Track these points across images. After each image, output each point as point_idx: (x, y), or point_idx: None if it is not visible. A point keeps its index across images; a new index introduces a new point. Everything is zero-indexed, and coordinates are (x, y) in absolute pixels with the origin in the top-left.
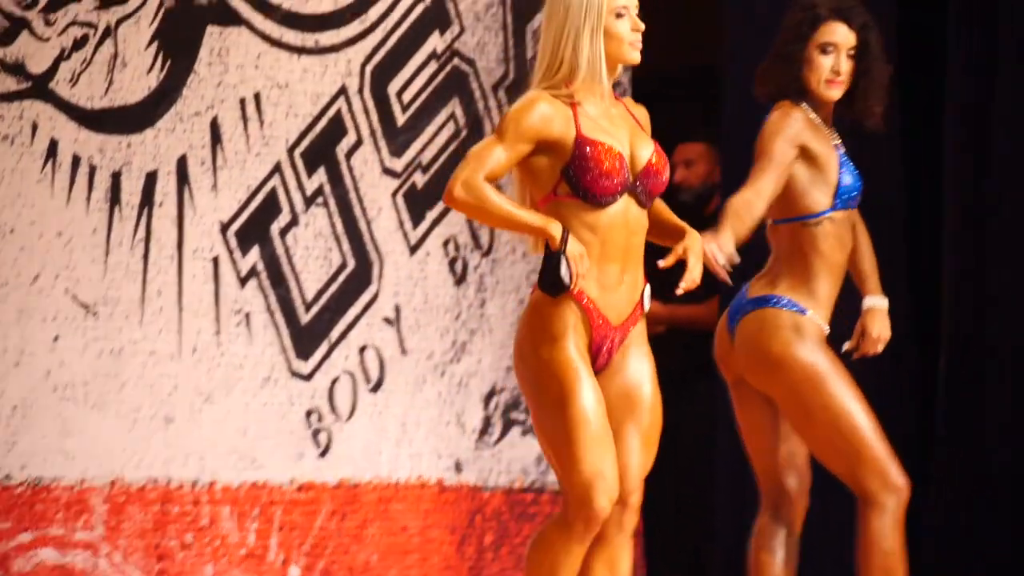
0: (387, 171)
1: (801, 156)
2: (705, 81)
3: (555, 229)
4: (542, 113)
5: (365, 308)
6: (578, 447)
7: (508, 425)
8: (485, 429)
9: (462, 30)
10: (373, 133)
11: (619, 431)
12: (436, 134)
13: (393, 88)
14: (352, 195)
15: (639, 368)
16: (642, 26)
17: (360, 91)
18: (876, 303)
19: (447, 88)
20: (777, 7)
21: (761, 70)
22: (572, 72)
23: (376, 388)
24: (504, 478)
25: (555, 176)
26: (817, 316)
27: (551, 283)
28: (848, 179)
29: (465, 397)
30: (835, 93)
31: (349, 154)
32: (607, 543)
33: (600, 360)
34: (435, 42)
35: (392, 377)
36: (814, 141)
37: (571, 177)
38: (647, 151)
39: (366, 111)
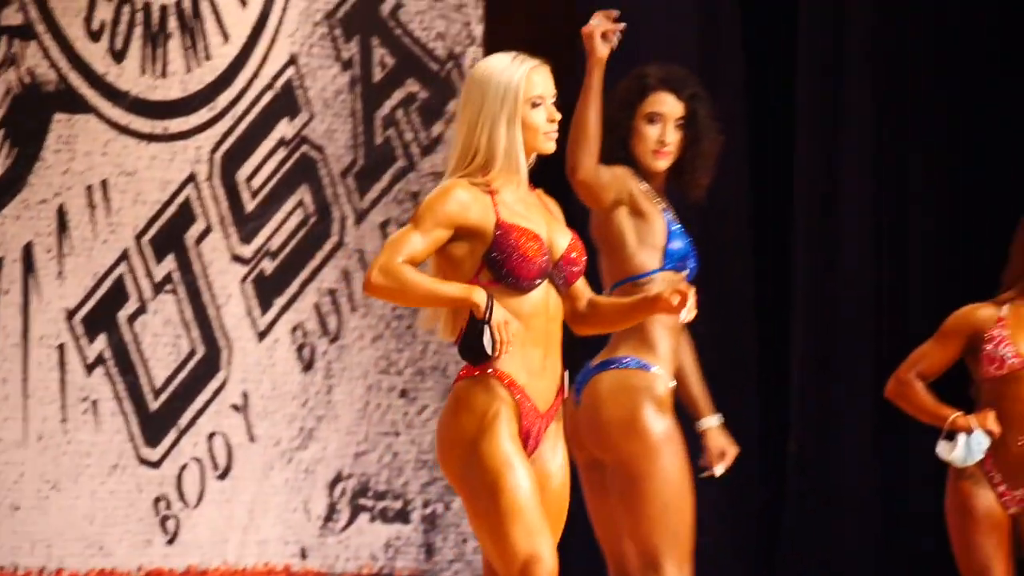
0: (236, 258)
1: (628, 206)
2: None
3: (479, 296)
4: (459, 199)
5: (214, 395)
6: (515, 535)
7: (356, 511)
8: (331, 515)
9: (311, 117)
10: (222, 220)
11: None
12: (285, 220)
13: (242, 175)
14: (201, 282)
15: (561, 473)
16: (558, 116)
17: (209, 178)
18: (712, 423)
19: (296, 175)
20: None
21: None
22: (488, 160)
23: (224, 475)
24: (352, 564)
25: (476, 263)
26: (662, 371)
27: (474, 351)
28: (678, 244)
29: (312, 484)
30: (662, 164)
31: (198, 241)
32: None
33: (529, 447)
34: (284, 129)
35: (240, 464)
36: (641, 197)
37: (494, 262)
38: (565, 239)
39: (215, 198)
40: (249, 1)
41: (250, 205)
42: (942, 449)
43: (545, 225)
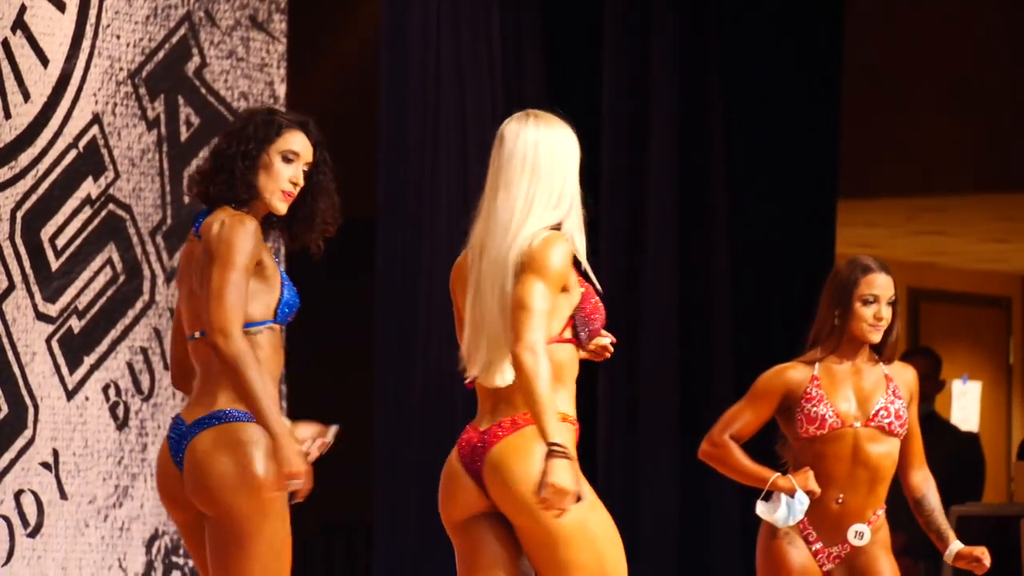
0: (41, 316)
1: (256, 266)
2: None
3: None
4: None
5: (20, 453)
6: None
7: (169, 569)
8: (148, 573)
9: (117, 175)
10: (26, 278)
11: None
12: (92, 279)
13: (46, 234)
14: (4, 340)
15: None
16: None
17: (11, 237)
18: None
19: (103, 233)
20: (428, 167)
21: (202, 172)
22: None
23: (34, 533)
24: None
25: (563, 319)
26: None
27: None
28: (288, 293)
29: (127, 541)
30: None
31: (1, 299)
32: None
33: None
34: (89, 187)
35: (52, 521)
36: (266, 252)
37: (580, 321)
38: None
39: (18, 256)
40: (51, 59)
41: (55, 264)
42: (762, 509)
43: None
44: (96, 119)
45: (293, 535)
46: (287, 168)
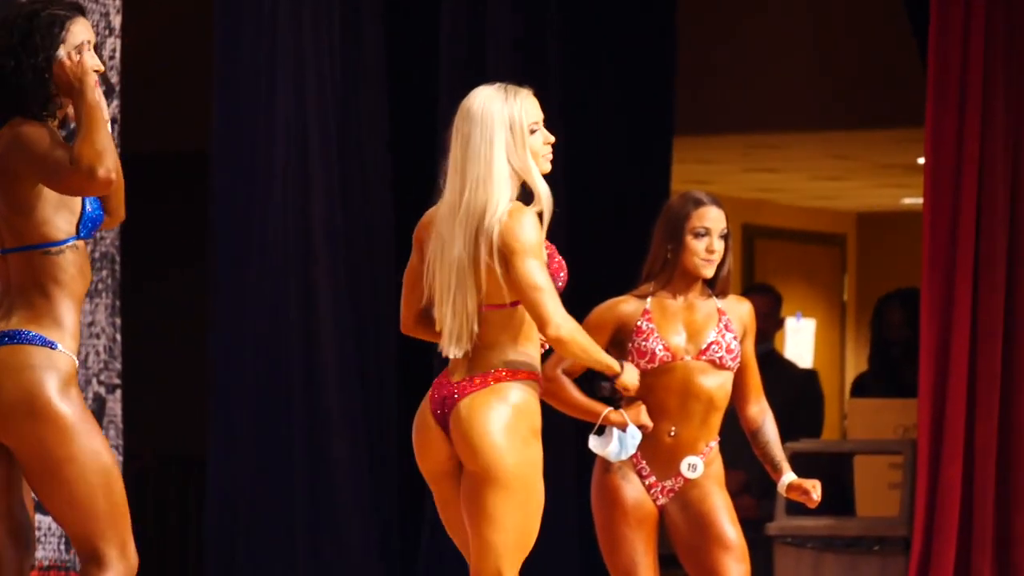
0: None
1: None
2: (193, 164)
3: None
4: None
5: None
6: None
7: None
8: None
9: None
10: None
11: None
12: None
13: None
14: None
15: None
16: (552, 138)
17: None
18: None
19: None
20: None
21: None
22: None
23: None
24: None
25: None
26: (67, 349)
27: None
28: (91, 206)
29: None
30: None
31: None
32: None
33: None
34: None
35: None
36: None
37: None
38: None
39: None
40: None
41: None
42: (595, 444)
43: None
44: None
45: (128, 465)
46: (89, 59)
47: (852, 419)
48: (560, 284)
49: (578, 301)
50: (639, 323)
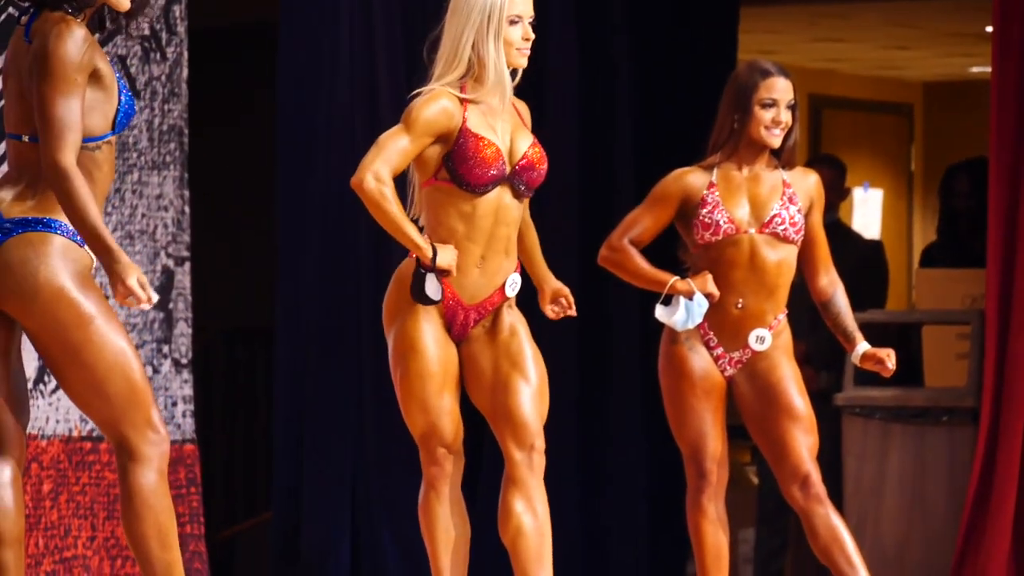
0: None
1: (91, 76)
2: (262, 34)
3: (426, 250)
4: (445, 108)
5: None
6: (413, 411)
7: None
8: (41, 377)
9: None
10: None
11: (509, 385)
12: None
13: None
14: None
15: (511, 330)
16: (532, 35)
17: None
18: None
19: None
20: None
21: None
22: (472, 72)
23: None
24: (62, 427)
25: (437, 162)
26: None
27: (420, 295)
28: (125, 100)
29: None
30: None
31: None
32: (522, 485)
33: (455, 331)
34: None
35: None
36: (101, 58)
37: (451, 165)
38: (525, 144)
39: None
40: None
41: None
42: (661, 313)
43: (510, 132)
44: None
45: (198, 338)
46: None
47: (920, 289)
48: (474, 171)
49: (646, 173)
50: (704, 195)
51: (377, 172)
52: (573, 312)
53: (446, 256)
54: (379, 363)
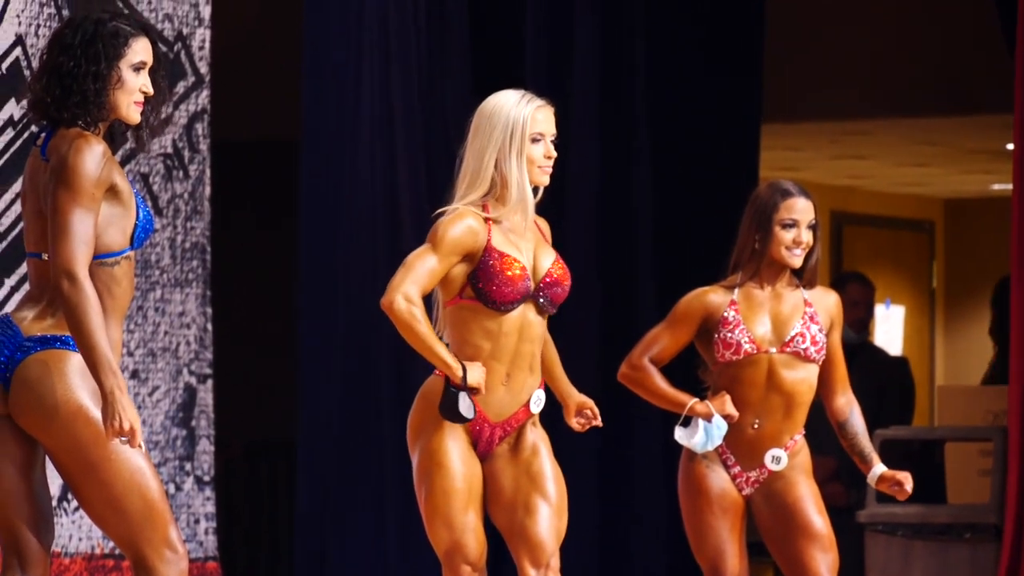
0: None
1: (108, 191)
2: (285, 151)
3: (457, 370)
4: (470, 227)
5: None
6: (437, 527)
7: None
8: (64, 495)
9: None
10: None
11: (528, 504)
12: (14, 201)
13: None
14: None
15: (533, 448)
16: (554, 153)
17: None
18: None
19: (25, 156)
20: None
21: (48, 94)
22: (495, 191)
23: None
24: (84, 544)
25: (462, 281)
26: None
27: (452, 413)
28: (143, 215)
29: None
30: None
31: None
32: None
33: (480, 448)
34: (12, 109)
35: None
36: (118, 173)
37: (476, 283)
38: (548, 261)
39: None
40: None
41: None
42: (681, 435)
43: (532, 249)
44: (19, 40)
45: (221, 455)
46: (138, 78)
47: (942, 405)
48: (500, 289)
49: (667, 292)
50: (725, 313)
51: (407, 293)
52: (599, 422)
53: (475, 374)
54: (402, 478)
